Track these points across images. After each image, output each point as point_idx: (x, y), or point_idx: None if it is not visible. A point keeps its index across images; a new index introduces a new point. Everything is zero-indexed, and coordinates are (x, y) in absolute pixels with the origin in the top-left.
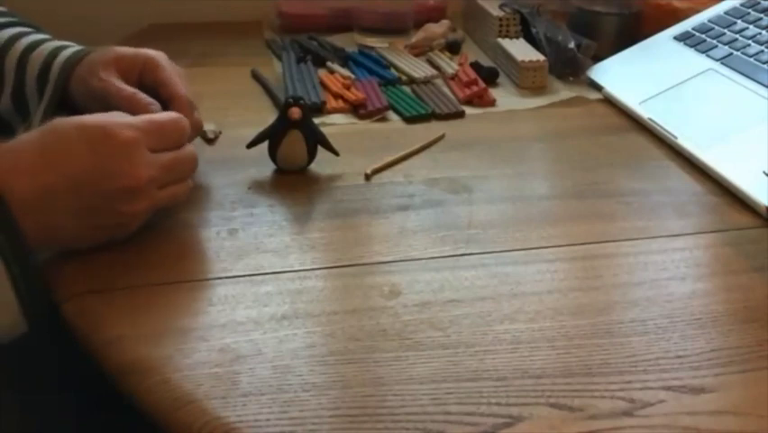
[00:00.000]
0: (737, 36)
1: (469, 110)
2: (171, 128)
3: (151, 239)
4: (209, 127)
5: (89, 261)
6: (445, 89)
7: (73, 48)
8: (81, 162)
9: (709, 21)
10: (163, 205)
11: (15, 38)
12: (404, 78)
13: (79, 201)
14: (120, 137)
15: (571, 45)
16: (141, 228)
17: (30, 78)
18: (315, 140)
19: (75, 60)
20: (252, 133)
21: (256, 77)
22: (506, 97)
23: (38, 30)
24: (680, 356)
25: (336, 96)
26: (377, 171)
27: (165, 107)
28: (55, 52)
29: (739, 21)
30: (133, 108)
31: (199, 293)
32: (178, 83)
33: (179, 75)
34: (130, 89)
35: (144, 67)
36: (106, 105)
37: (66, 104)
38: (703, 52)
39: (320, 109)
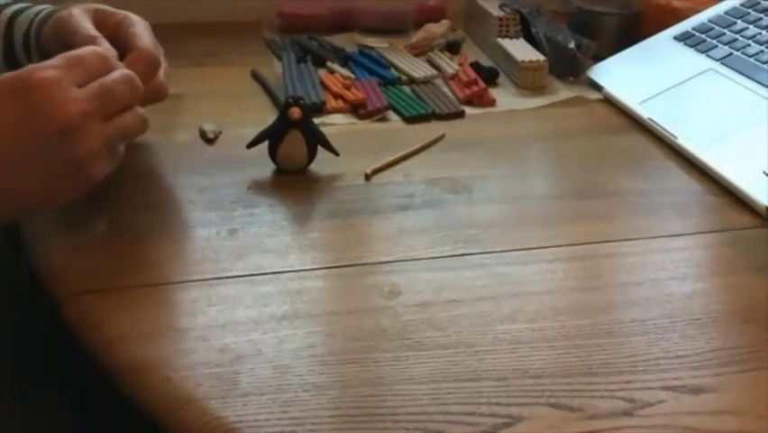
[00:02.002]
0: (737, 36)
1: (469, 110)
2: (92, 58)
3: (151, 239)
4: (209, 127)
5: (89, 261)
6: (445, 89)
7: (49, 8)
8: (7, 118)
9: (709, 21)
10: (117, 139)
11: (2, 7)
12: (404, 78)
13: (19, 158)
14: (36, 80)
15: (571, 45)
16: (142, 228)
17: (17, 44)
18: (315, 140)
19: (48, 15)
20: (252, 133)
21: (256, 77)
22: (506, 97)
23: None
24: (680, 356)
25: (336, 96)
26: (377, 171)
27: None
28: (35, 16)
29: (739, 21)
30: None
31: (199, 293)
32: (144, 39)
33: (156, 45)
34: (94, 32)
35: (118, 23)
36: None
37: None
38: (703, 52)
39: (320, 109)
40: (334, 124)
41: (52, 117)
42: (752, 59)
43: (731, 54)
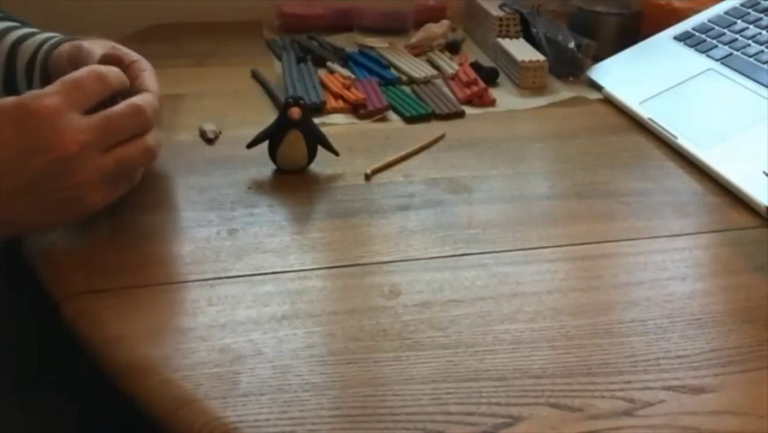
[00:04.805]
0: (737, 36)
1: (469, 110)
2: (90, 79)
3: (151, 239)
4: (209, 127)
5: (89, 261)
6: (445, 89)
7: (59, 36)
8: (6, 144)
9: (709, 21)
10: (118, 170)
11: (5, 31)
12: (404, 78)
13: (15, 184)
14: (37, 108)
15: (571, 45)
16: (142, 228)
17: (19, 69)
18: (315, 140)
19: (58, 43)
20: (252, 133)
21: (256, 77)
22: (506, 97)
23: (26, 24)
24: (680, 356)
25: (336, 96)
26: (377, 171)
27: None
28: (42, 43)
29: (739, 21)
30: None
31: (199, 293)
32: (152, 85)
33: (159, 94)
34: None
35: (131, 64)
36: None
37: None
38: (703, 52)
39: (320, 109)
40: (334, 124)
41: (50, 146)
42: (752, 59)
43: (731, 54)
